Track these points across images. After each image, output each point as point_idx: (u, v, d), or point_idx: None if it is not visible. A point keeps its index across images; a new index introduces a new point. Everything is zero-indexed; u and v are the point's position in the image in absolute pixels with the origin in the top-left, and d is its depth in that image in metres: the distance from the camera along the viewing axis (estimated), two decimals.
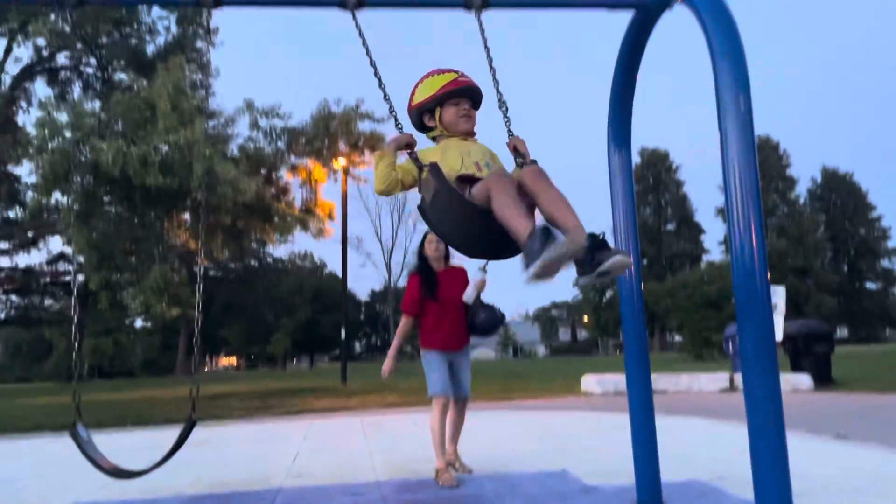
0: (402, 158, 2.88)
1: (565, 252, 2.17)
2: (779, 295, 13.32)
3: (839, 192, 71.74)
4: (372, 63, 2.83)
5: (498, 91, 2.85)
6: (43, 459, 7.00)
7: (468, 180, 2.68)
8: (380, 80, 2.86)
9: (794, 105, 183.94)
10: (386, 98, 2.82)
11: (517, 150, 2.88)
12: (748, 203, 2.64)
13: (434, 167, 2.61)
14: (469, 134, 2.91)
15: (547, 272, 2.20)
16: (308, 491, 4.65)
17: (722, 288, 30.25)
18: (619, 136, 3.87)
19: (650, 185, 72.24)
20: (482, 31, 2.95)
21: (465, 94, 2.90)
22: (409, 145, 2.82)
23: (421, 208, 2.70)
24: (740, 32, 2.74)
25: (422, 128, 2.98)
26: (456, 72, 2.95)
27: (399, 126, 2.86)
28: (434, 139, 2.95)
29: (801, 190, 70.92)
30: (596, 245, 2.28)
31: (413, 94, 2.97)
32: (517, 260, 2.37)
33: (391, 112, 2.81)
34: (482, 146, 2.92)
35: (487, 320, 4.79)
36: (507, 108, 2.87)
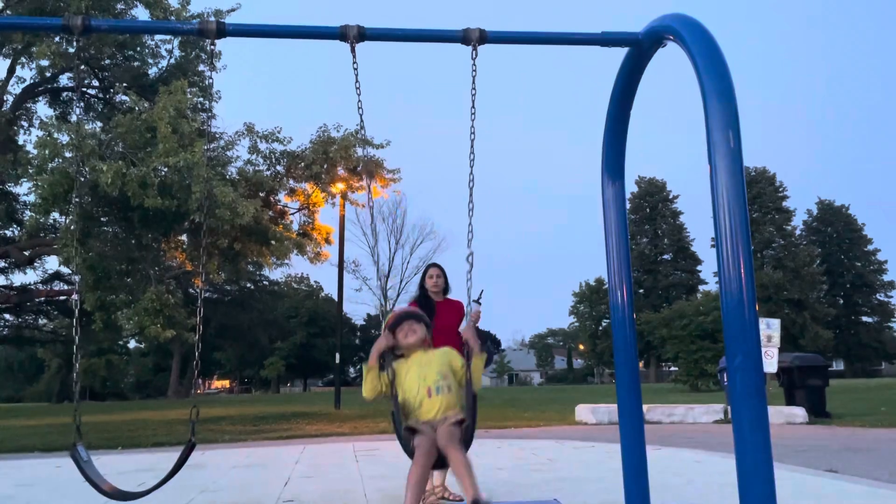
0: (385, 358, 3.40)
1: None
2: (774, 327, 13.35)
3: (835, 224, 72.03)
4: (359, 105, 3.38)
5: (472, 128, 3.31)
6: (32, 481, 6.94)
7: (414, 431, 3.19)
8: (361, 118, 3.43)
9: (791, 136, 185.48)
10: (363, 135, 3.16)
11: (468, 343, 3.30)
12: (737, 238, 2.68)
13: (394, 411, 3.25)
14: (423, 343, 3.40)
15: None
16: None
17: (718, 319, 30.17)
18: (613, 168, 3.93)
19: (647, 214, 72.48)
20: (474, 67, 3.09)
21: (403, 320, 3.45)
22: (388, 347, 3.36)
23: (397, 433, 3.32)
24: (731, 71, 2.81)
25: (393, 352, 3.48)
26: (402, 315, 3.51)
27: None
28: (402, 355, 3.45)
29: (798, 222, 71.29)
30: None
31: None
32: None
33: (363, 144, 3.22)
34: (441, 355, 3.37)
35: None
36: (473, 182, 3.49)
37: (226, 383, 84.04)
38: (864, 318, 71.52)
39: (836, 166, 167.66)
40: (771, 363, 12.72)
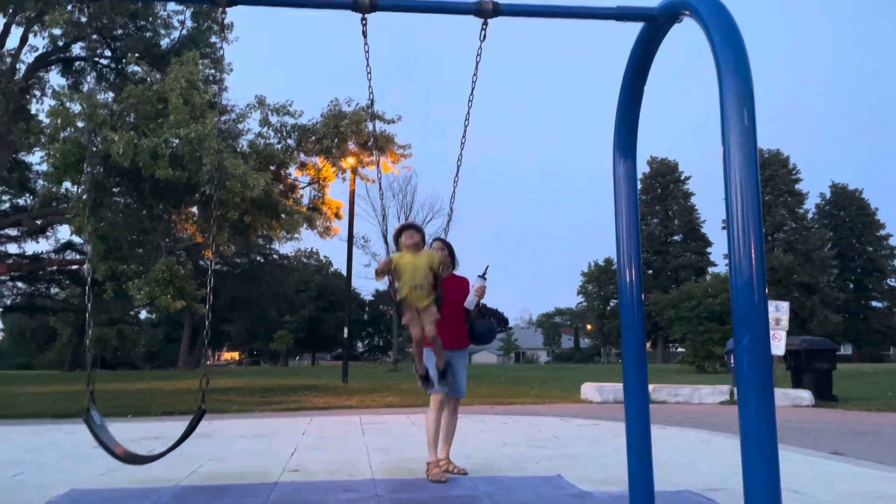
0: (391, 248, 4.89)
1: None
2: (783, 310, 13.31)
3: (848, 208, 71.42)
4: (369, 75, 3.74)
5: (472, 94, 3.83)
6: (42, 446, 7.05)
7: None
8: (371, 90, 3.91)
9: (806, 119, 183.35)
10: (371, 107, 4.08)
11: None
12: (748, 218, 2.66)
13: (391, 290, 4.64)
14: (416, 247, 4.58)
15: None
16: (304, 486, 4.68)
17: (727, 300, 30.10)
18: (625, 146, 3.89)
19: (658, 195, 72.05)
20: (482, 40, 3.08)
21: (407, 228, 4.69)
22: (387, 268, 4.55)
23: (394, 302, 4.71)
24: (747, 48, 2.76)
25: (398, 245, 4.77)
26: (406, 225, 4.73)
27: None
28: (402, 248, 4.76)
29: (810, 205, 70.69)
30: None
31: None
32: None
33: (372, 119, 3.50)
34: (426, 259, 4.54)
35: (484, 330, 5.06)
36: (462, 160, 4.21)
37: (235, 355, 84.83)
38: (874, 303, 71.15)
39: (852, 150, 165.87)
40: (778, 346, 12.69)
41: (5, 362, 69.56)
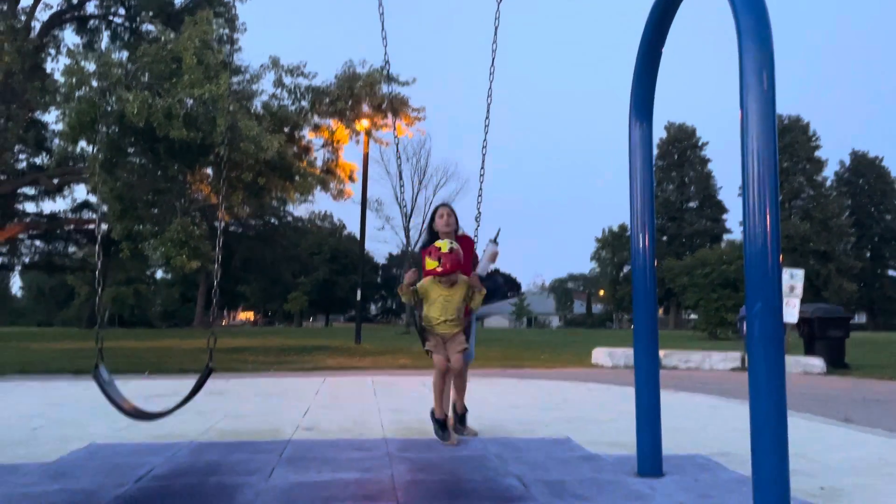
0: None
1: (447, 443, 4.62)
2: (797, 278, 13.23)
3: (867, 176, 70.46)
4: (384, 39, 3.66)
5: (492, 67, 4.26)
6: (61, 401, 7.19)
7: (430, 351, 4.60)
8: (386, 55, 4.29)
9: (828, 85, 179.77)
10: (388, 71, 3.58)
11: (472, 287, 4.61)
12: (765, 183, 2.63)
13: (416, 318, 4.70)
14: (451, 284, 4.50)
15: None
16: (316, 444, 4.76)
17: (741, 268, 29.93)
18: (641, 109, 3.85)
19: (674, 160, 71.34)
20: (499, 2, 3.03)
21: (445, 276, 4.45)
22: (412, 282, 4.51)
23: (417, 328, 4.71)
24: (768, 10, 2.70)
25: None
26: (438, 259, 4.38)
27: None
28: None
29: (829, 173, 69.76)
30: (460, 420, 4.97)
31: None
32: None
33: (389, 81, 3.45)
34: (460, 292, 4.51)
35: (491, 289, 5.04)
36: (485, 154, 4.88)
37: (250, 316, 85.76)
38: (891, 272, 70.61)
39: (873, 117, 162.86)
40: (792, 313, 12.65)
41: (25, 319, 70.75)
